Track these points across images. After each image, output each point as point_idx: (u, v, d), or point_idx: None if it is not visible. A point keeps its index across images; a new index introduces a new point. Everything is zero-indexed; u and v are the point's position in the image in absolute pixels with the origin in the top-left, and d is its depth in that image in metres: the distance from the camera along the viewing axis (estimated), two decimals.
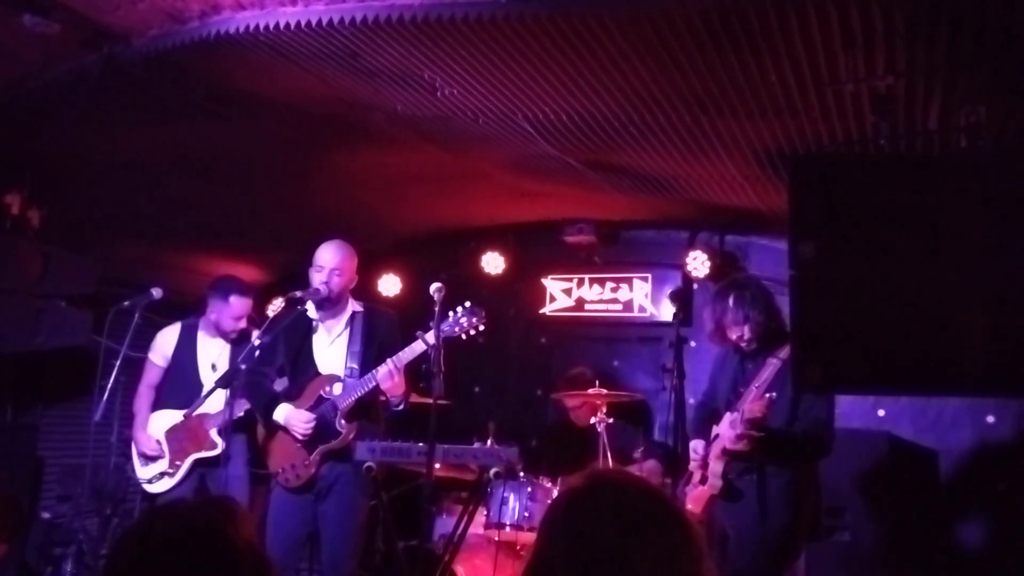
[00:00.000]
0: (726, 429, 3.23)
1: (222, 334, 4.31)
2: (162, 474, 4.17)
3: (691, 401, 4.70)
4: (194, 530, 1.22)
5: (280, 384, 3.81)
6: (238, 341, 4.30)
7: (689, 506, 3.34)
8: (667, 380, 4.54)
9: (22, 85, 3.58)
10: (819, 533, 3.55)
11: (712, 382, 3.61)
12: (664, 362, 5.15)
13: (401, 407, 3.67)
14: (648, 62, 2.91)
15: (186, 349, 4.30)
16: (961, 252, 2.27)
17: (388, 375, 3.49)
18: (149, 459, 4.19)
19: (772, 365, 3.23)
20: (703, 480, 3.33)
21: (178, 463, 4.15)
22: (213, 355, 4.31)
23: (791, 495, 3.17)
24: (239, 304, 4.27)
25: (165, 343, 4.34)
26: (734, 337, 3.32)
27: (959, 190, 2.33)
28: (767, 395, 3.13)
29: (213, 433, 4.12)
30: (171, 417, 4.20)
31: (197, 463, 4.14)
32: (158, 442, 4.18)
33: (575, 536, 1.24)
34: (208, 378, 4.17)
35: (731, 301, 3.29)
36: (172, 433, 4.18)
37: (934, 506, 4.46)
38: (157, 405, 4.29)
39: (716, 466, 3.26)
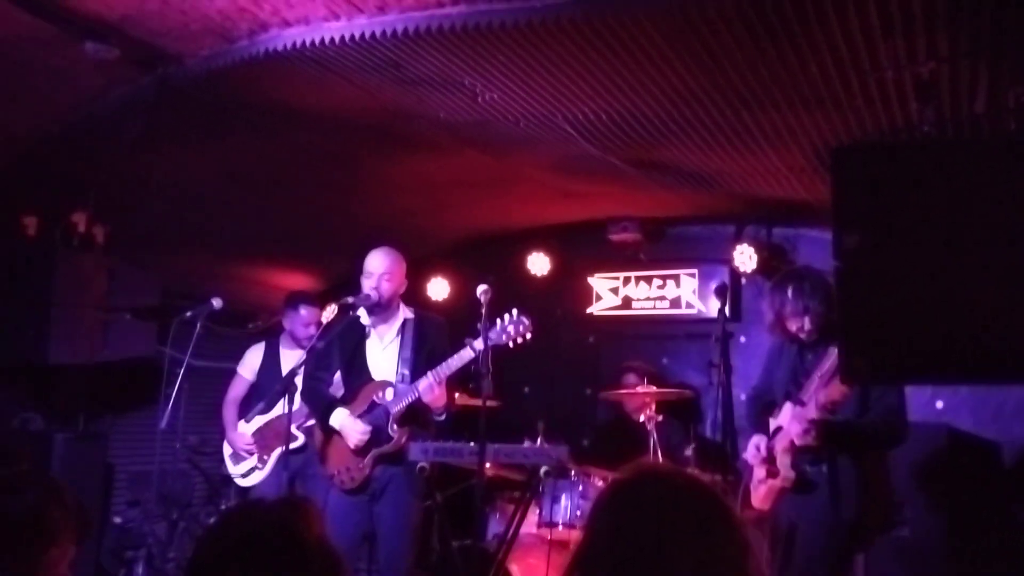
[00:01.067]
0: (790, 422, 3.17)
1: (297, 343, 4.63)
2: (252, 469, 4.58)
3: (742, 397, 4.67)
4: (269, 526, 1.30)
5: (337, 389, 3.93)
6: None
7: (756, 504, 3.29)
8: (715, 376, 4.50)
9: (84, 109, 3.77)
10: (892, 525, 3.47)
11: (767, 373, 3.55)
12: (712, 357, 5.12)
13: (443, 417, 3.75)
14: (686, 59, 2.92)
15: (270, 362, 4.70)
16: (1015, 237, 2.23)
17: (429, 388, 3.58)
18: (240, 457, 4.59)
19: (834, 355, 3.18)
20: (769, 474, 3.26)
21: (266, 457, 4.54)
22: (292, 364, 4.58)
23: (863, 485, 3.10)
24: (308, 313, 4.67)
25: (253, 359, 4.77)
26: (794, 329, 3.26)
27: (1010, 173, 2.28)
28: (836, 385, 3.04)
29: (294, 428, 4.33)
30: (257, 421, 4.61)
31: (282, 456, 4.40)
32: (252, 443, 4.58)
33: (619, 526, 1.25)
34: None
35: (790, 292, 3.23)
36: (258, 433, 4.58)
37: (996, 499, 4.34)
38: (245, 413, 4.66)
39: (785, 458, 3.19)
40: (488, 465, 3.81)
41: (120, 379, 5.08)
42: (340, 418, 3.71)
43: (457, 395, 4.32)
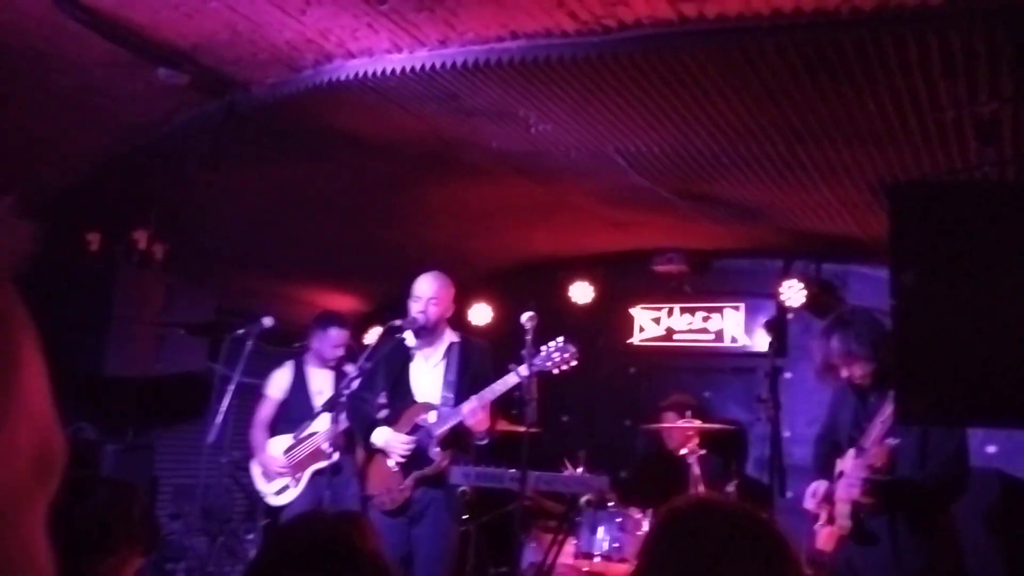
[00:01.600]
0: (851, 470, 3.11)
1: (324, 362, 4.68)
2: (284, 487, 4.59)
3: (786, 434, 4.59)
4: (328, 537, 1.35)
5: (380, 410, 3.98)
6: (339, 369, 4.62)
7: (819, 545, 3.22)
8: (762, 411, 4.44)
9: (152, 131, 3.92)
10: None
11: (832, 416, 3.48)
12: (758, 392, 5.06)
13: (485, 441, 3.77)
14: (742, 94, 2.94)
15: (298, 382, 4.74)
16: None
17: (473, 412, 3.61)
18: (272, 476, 4.60)
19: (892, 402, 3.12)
20: (830, 520, 3.20)
21: (299, 476, 4.56)
22: (320, 383, 4.72)
23: (927, 538, 3.00)
24: (337, 335, 4.70)
25: (281, 379, 4.80)
26: (844, 375, 3.20)
27: None
28: (887, 441, 2.99)
29: (325, 446, 4.37)
30: (288, 440, 4.62)
31: (315, 474, 4.44)
32: (285, 464, 4.59)
33: (676, 555, 1.26)
34: (318, 403, 4.51)
35: (835, 340, 3.17)
36: (290, 452, 4.60)
37: None
38: (275, 431, 4.69)
39: (843, 507, 3.11)
40: (527, 492, 3.81)
41: (170, 393, 5.20)
42: (383, 435, 3.76)
43: (500, 421, 4.35)
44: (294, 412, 4.62)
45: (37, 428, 0.40)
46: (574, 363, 3.70)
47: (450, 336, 3.91)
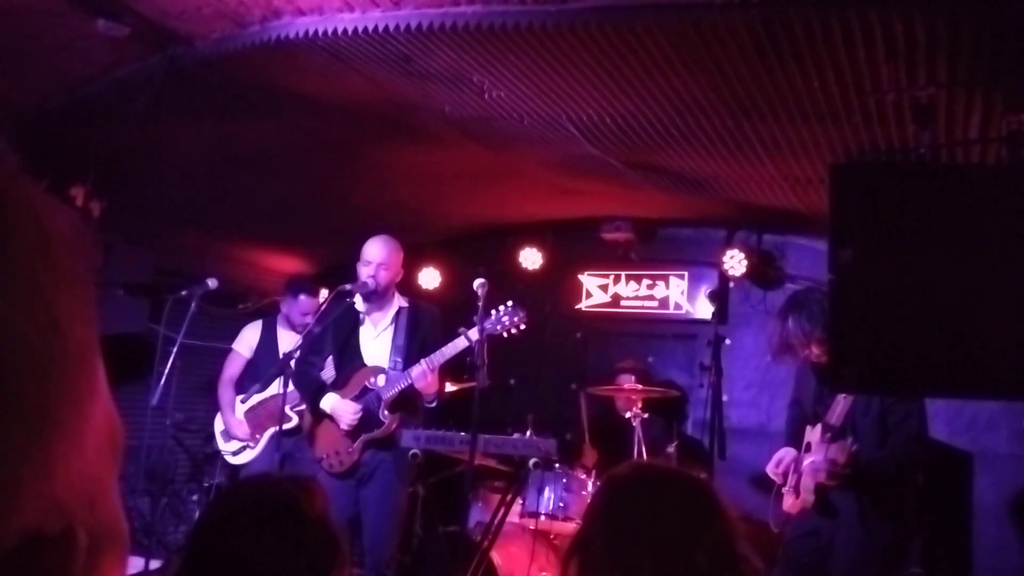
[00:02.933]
0: (816, 453, 3.22)
1: (292, 327, 4.63)
2: (244, 447, 4.63)
3: (724, 398, 4.76)
4: (273, 500, 1.37)
5: (328, 373, 3.98)
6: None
7: (785, 507, 3.36)
8: (703, 377, 4.60)
9: (90, 84, 3.76)
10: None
11: (797, 388, 3.60)
12: (699, 359, 5.22)
13: (433, 404, 3.82)
14: (693, 69, 2.98)
15: (267, 342, 4.77)
16: (998, 260, 2.33)
17: (422, 374, 3.65)
18: (231, 436, 4.64)
19: None
20: (794, 491, 3.31)
21: (258, 436, 4.60)
22: (288, 346, 4.66)
23: (891, 508, 3.13)
24: (307, 301, 4.74)
25: (250, 336, 4.82)
26: (803, 354, 3.30)
27: (997, 200, 2.38)
28: (848, 444, 3.11)
29: (288, 409, 4.36)
30: (251, 401, 4.64)
31: (274, 436, 4.46)
32: (245, 426, 4.62)
33: (616, 516, 1.34)
34: None
35: (790, 322, 3.27)
36: (251, 412, 4.64)
37: (968, 513, 4.46)
38: (241, 390, 4.69)
39: (808, 480, 3.22)
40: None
41: (110, 354, 5.04)
42: (331, 401, 3.76)
43: (446, 384, 4.40)
44: (260, 372, 4.58)
45: (107, 406, 0.44)
46: (523, 327, 3.76)
47: (399, 301, 3.91)
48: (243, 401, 4.59)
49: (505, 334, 3.73)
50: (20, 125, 3.96)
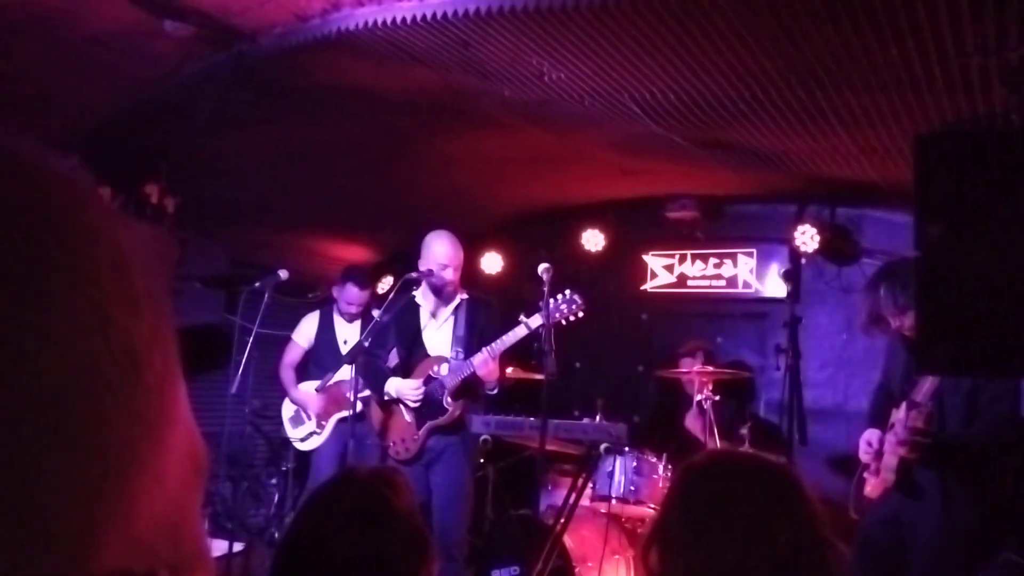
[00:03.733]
0: (899, 425, 3.09)
1: (340, 315, 4.70)
2: (311, 433, 4.76)
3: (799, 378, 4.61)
4: (365, 500, 1.38)
5: (392, 362, 4.05)
6: (365, 319, 4.75)
7: (867, 492, 3.26)
8: (778, 359, 4.47)
9: (160, 85, 3.86)
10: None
11: (886, 367, 3.47)
12: (770, 339, 5.09)
13: (495, 391, 3.88)
14: (761, 39, 2.87)
15: (325, 330, 4.88)
16: None
17: (484, 362, 3.70)
18: (299, 421, 4.80)
19: None
20: (879, 471, 3.21)
21: (324, 423, 4.72)
22: (346, 332, 4.87)
23: (977, 489, 2.97)
24: (352, 292, 4.79)
25: (308, 327, 4.93)
26: (895, 326, 3.16)
27: None
28: (926, 406, 2.98)
29: (350, 394, 4.46)
30: (315, 386, 4.78)
31: (340, 422, 4.57)
32: (317, 400, 4.73)
33: (695, 503, 1.32)
34: (345, 352, 4.63)
35: (883, 291, 3.13)
36: (318, 398, 4.76)
37: None
38: (303, 378, 4.84)
39: (890, 459, 3.10)
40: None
41: (189, 346, 5.22)
42: (394, 384, 3.84)
43: (510, 370, 4.41)
44: (322, 360, 4.75)
45: (188, 431, 0.43)
46: (581, 314, 3.75)
47: (460, 294, 3.96)
48: (317, 390, 4.71)
49: (564, 322, 3.73)
50: (95, 128, 4.10)
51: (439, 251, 3.85)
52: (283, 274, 4.41)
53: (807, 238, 4.98)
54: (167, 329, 0.41)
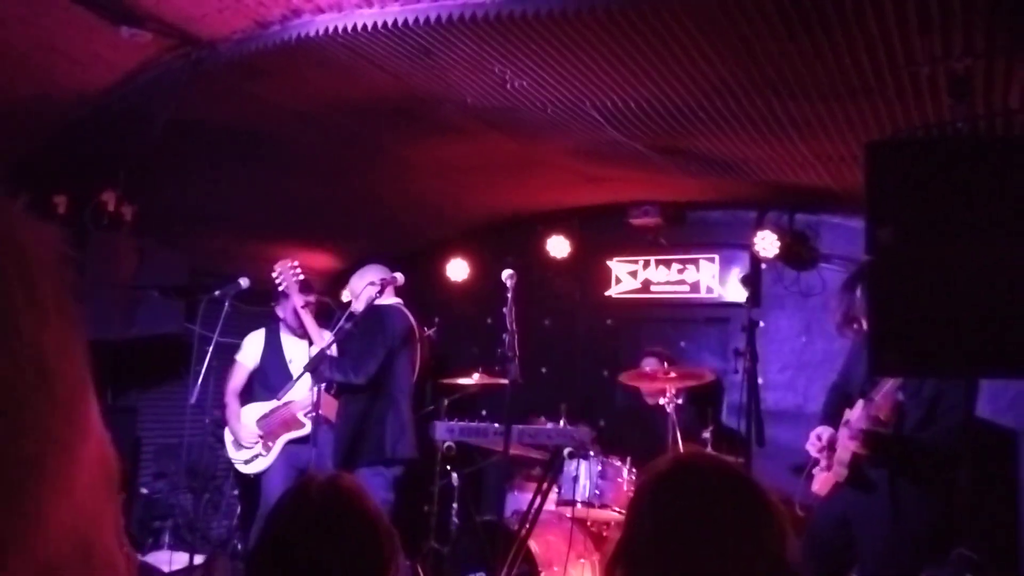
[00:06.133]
0: (855, 421, 3.15)
1: (291, 329, 4.56)
2: (255, 456, 4.50)
3: (759, 381, 4.69)
4: (338, 504, 1.39)
5: None
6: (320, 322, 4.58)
7: (815, 489, 3.31)
8: (739, 363, 4.53)
9: (116, 91, 3.80)
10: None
11: (847, 368, 3.53)
12: (732, 343, 5.16)
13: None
14: (719, 48, 2.92)
15: (272, 348, 4.65)
16: None
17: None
18: (241, 445, 4.52)
19: None
20: (828, 466, 3.26)
21: (270, 444, 4.48)
22: (293, 351, 4.65)
23: (926, 489, 3.02)
24: (298, 300, 4.54)
25: (252, 347, 4.68)
26: (866, 328, 3.17)
27: None
28: (896, 395, 3.03)
29: (300, 415, 4.37)
30: (263, 407, 4.54)
31: (288, 443, 4.44)
32: (258, 434, 4.49)
33: (661, 516, 1.30)
34: (294, 371, 4.43)
35: (859, 292, 3.21)
36: (263, 420, 4.52)
37: (1015, 491, 4.37)
38: (248, 399, 4.61)
39: (843, 454, 3.15)
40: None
41: (148, 355, 5.16)
42: None
43: (477, 375, 4.42)
44: (270, 379, 4.52)
45: (100, 442, 0.41)
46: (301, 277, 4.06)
47: None
48: (270, 406, 4.51)
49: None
50: (51, 134, 4.02)
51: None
52: (244, 282, 4.34)
53: (767, 244, 5.07)
54: (77, 335, 0.39)
